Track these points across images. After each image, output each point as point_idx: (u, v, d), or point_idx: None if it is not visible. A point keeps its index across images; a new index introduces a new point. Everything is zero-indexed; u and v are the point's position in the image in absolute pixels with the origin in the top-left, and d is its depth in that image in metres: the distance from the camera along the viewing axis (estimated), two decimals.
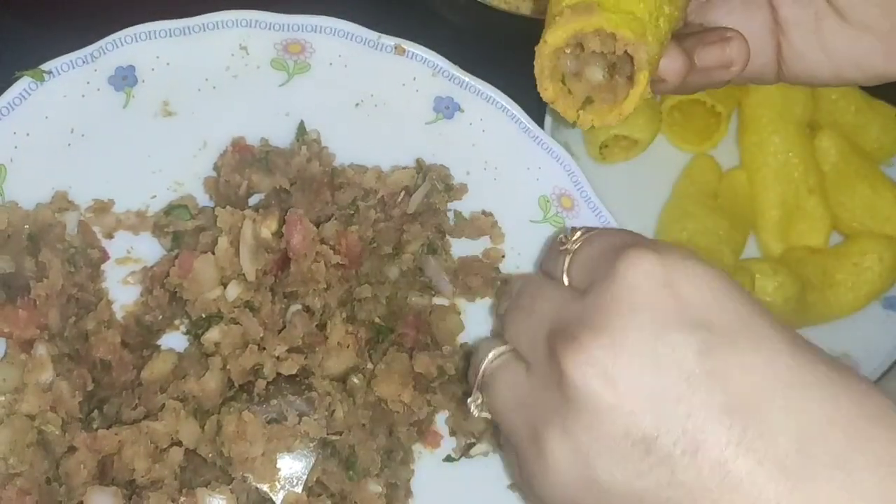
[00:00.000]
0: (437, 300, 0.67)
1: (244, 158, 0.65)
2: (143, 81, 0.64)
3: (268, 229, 0.61)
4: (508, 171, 0.68)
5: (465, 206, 0.69)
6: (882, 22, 0.56)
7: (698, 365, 0.42)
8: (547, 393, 0.47)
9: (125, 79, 0.64)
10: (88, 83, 0.63)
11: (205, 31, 0.64)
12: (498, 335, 0.56)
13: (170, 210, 0.65)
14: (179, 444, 0.57)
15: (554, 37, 0.47)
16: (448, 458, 0.65)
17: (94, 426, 0.59)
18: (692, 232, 0.85)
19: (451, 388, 0.64)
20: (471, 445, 0.65)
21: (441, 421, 0.66)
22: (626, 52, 0.47)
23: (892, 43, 0.56)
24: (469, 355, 0.63)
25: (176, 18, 0.64)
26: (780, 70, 0.60)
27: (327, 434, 0.59)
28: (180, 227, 0.64)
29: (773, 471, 0.40)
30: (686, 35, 0.55)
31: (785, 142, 0.88)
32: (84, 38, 0.63)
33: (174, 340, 0.64)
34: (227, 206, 0.61)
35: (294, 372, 0.59)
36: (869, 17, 0.56)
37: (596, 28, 0.46)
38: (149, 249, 0.65)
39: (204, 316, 0.60)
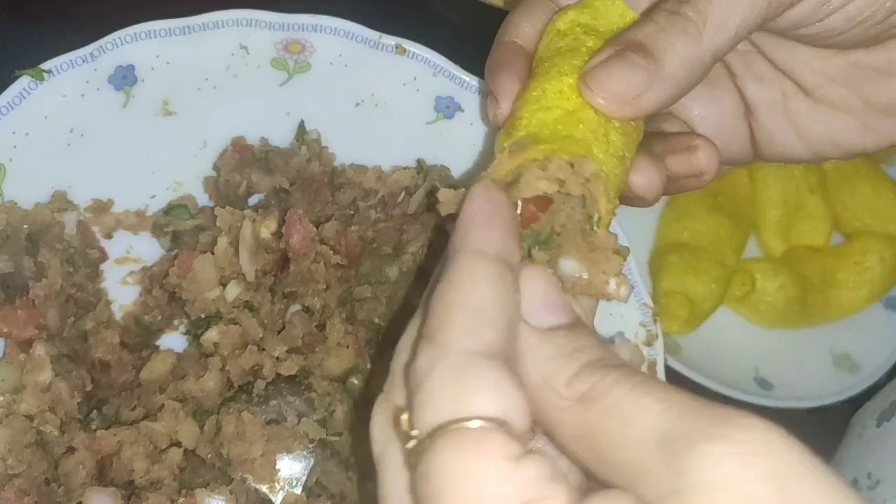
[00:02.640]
0: None
1: (244, 158, 0.65)
2: (143, 81, 0.64)
3: (267, 229, 0.60)
4: None
5: None
6: (852, 99, 0.53)
7: None
8: None
9: (125, 78, 0.64)
10: (88, 82, 0.63)
11: (205, 30, 0.64)
12: None
13: (169, 210, 0.65)
14: (178, 444, 0.57)
15: (493, 174, 0.42)
16: None
17: (93, 427, 0.59)
18: (693, 231, 0.85)
19: None
20: None
21: None
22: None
23: (867, 119, 0.54)
24: None
25: (176, 18, 0.64)
26: (756, 152, 0.57)
27: (327, 435, 0.59)
28: (180, 227, 0.64)
29: None
30: (653, 136, 0.52)
31: None
32: (84, 38, 0.63)
33: (173, 341, 0.64)
34: (227, 206, 0.61)
35: (293, 372, 0.59)
36: (838, 96, 0.54)
37: (532, 160, 0.42)
38: (148, 249, 0.65)
39: (203, 316, 0.60)
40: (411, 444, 0.32)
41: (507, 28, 0.53)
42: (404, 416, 0.33)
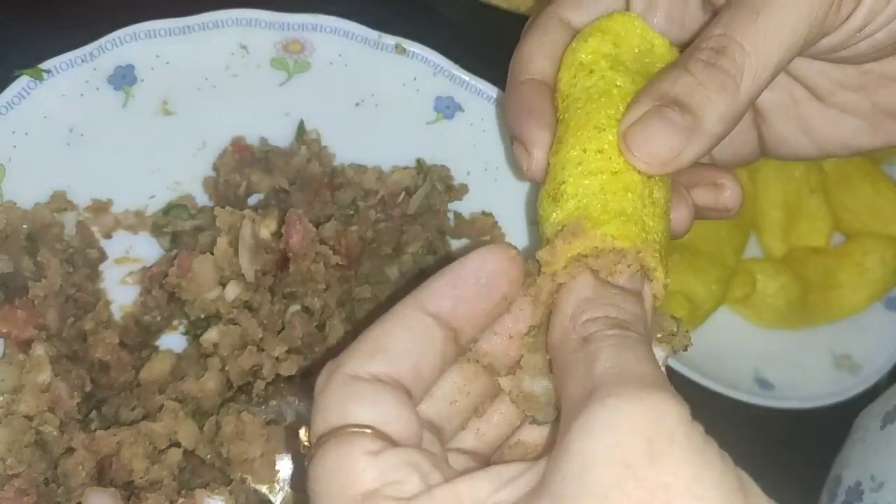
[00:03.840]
0: None
1: (243, 158, 0.65)
2: (143, 80, 0.64)
3: (267, 229, 0.60)
4: (508, 171, 0.67)
5: (466, 206, 0.68)
6: (863, 103, 0.53)
7: None
8: None
9: (124, 78, 0.64)
10: (87, 82, 0.63)
11: (205, 30, 0.64)
12: None
13: (168, 210, 0.65)
14: (178, 444, 0.57)
15: (553, 266, 0.41)
16: None
17: (93, 427, 0.58)
18: (693, 232, 0.84)
19: None
20: None
21: None
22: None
23: (876, 121, 0.54)
24: None
25: (176, 17, 0.64)
26: (764, 153, 0.57)
27: None
28: (179, 227, 0.64)
29: None
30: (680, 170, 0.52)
31: None
32: (83, 37, 0.63)
33: (173, 341, 0.64)
34: (227, 206, 0.61)
35: (293, 373, 0.59)
36: (849, 101, 0.54)
37: (594, 247, 0.41)
38: (147, 249, 0.65)
39: (203, 316, 0.60)
40: (304, 451, 0.38)
41: (523, 63, 0.51)
42: (301, 430, 0.38)
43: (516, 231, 0.68)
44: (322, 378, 0.39)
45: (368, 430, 0.35)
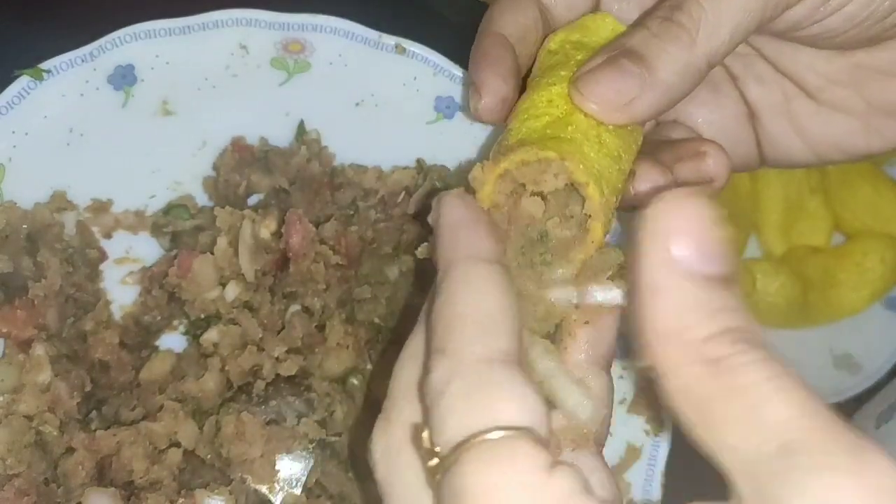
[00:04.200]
0: None
1: (243, 158, 0.65)
2: (143, 80, 0.64)
3: (267, 229, 0.60)
4: None
5: None
6: (856, 101, 0.53)
7: None
8: None
9: (124, 78, 0.64)
10: (87, 82, 0.63)
11: (204, 30, 0.64)
12: None
13: (168, 210, 0.65)
14: (178, 445, 0.57)
15: (483, 184, 0.41)
16: None
17: (93, 427, 0.58)
18: None
19: None
20: None
21: None
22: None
23: (870, 121, 0.53)
24: None
25: (176, 17, 0.64)
26: (762, 157, 0.56)
27: (326, 435, 0.59)
28: (179, 227, 0.64)
29: None
30: (660, 145, 0.52)
31: None
32: (83, 37, 0.63)
33: (173, 341, 0.64)
34: (227, 206, 0.61)
35: (293, 373, 0.59)
36: (841, 98, 0.53)
37: (519, 161, 0.41)
38: (147, 249, 0.65)
39: (203, 316, 0.60)
40: (433, 461, 0.31)
41: (491, 19, 0.53)
42: (425, 434, 0.32)
43: None
44: (440, 374, 0.32)
45: (519, 433, 0.30)
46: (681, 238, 0.30)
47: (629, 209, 0.48)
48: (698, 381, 0.30)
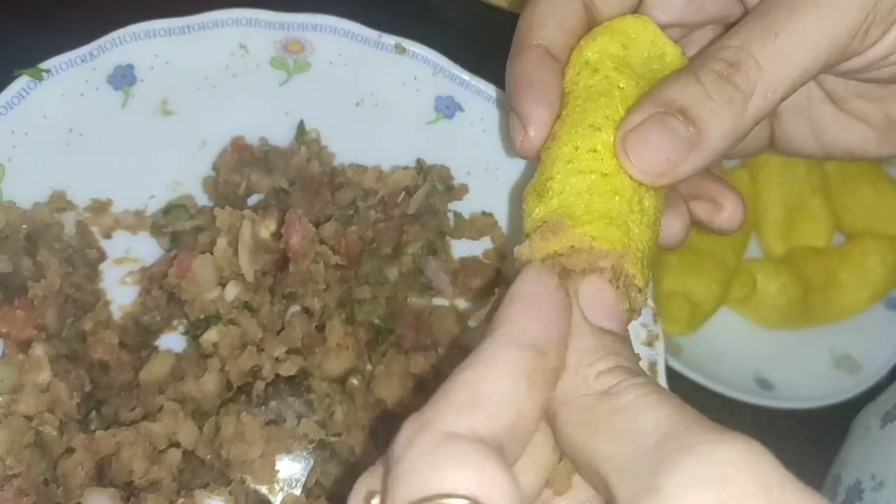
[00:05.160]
0: (437, 301, 0.67)
1: (243, 158, 0.65)
2: (142, 80, 0.64)
3: (267, 229, 0.60)
4: (509, 171, 0.67)
5: (466, 206, 0.68)
6: (877, 114, 0.52)
7: None
8: None
9: (124, 78, 0.64)
10: (87, 82, 0.63)
11: (204, 29, 0.64)
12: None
13: (168, 210, 0.65)
14: (178, 445, 0.57)
15: (552, 246, 0.40)
16: None
17: (92, 427, 0.58)
18: (693, 232, 0.85)
19: None
20: None
21: None
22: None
23: (888, 133, 0.52)
24: None
25: (175, 17, 0.64)
26: (770, 146, 0.56)
27: (326, 436, 0.59)
28: (179, 227, 0.64)
29: None
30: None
31: None
32: (83, 37, 0.62)
33: (172, 341, 0.64)
34: (226, 206, 0.61)
35: (293, 373, 0.59)
36: (864, 110, 0.52)
37: (570, 246, 0.40)
38: (147, 249, 0.65)
39: (202, 316, 0.60)
40: None
41: (531, 28, 0.48)
42: (374, 501, 0.31)
43: (516, 231, 0.68)
44: (405, 436, 0.31)
45: (467, 502, 0.28)
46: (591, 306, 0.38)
47: None
48: (590, 407, 0.34)
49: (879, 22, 0.43)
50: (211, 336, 0.59)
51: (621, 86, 0.46)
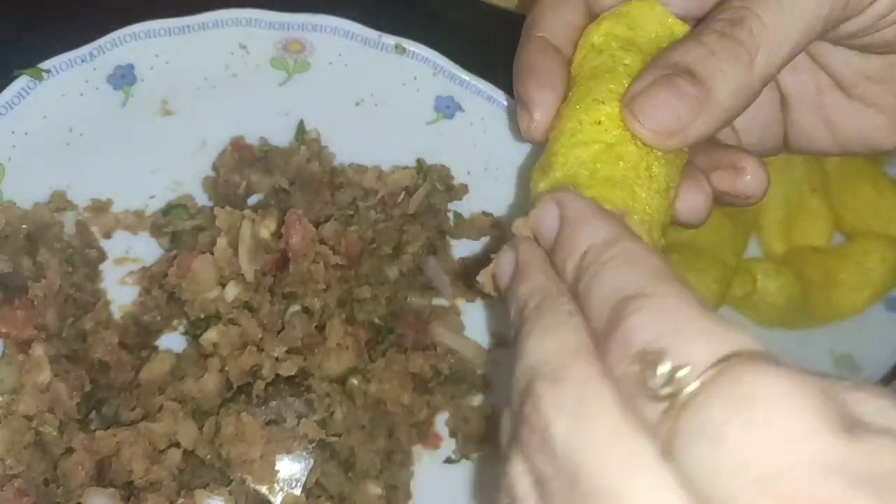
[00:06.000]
0: (437, 301, 0.67)
1: (243, 158, 0.65)
2: (142, 80, 0.64)
3: (267, 229, 0.60)
4: (509, 171, 0.67)
5: (466, 206, 0.68)
6: (887, 97, 0.51)
7: None
8: None
9: (124, 77, 0.63)
10: (87, 82, 0.63)
11: (204, 29, 0.64)
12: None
13: (168, 210, 0.65)
14: (178, 445, 0.57)
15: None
16: (448, 460, 0.65)
17: (92, 427, 0.58)
18: (694, 231, 0.85)
19: (450, 388, 0.64)
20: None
21: (441, 422, 0.66)
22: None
23: None
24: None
25: (175, 17, 0.64)
26: (785, 144, 0.55)
27: (326, 436, 0.59)
28: (179, 227, 0.64)
29: None
30: (696, 147, 0.47)
31: None
32: (83, 37, 0.62)
33: (172, 341, 0.64)
34: (226, 206, 0.61)
35: (293, 373, 0.59)
36: (873, 94, 0.51)
37: None
38: (147, 249, 0.65)
39: (202, 316, 0.60)
40: (668, 390, 0.28)
41: (536, 22, 0.49)
42: (663, 368, 0.28)
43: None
44: (655, 306, 0.30)
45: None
46: None
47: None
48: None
49: None
50: (211, 336, 0.59)
51: (626, 62, 0.46)
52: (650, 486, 0.27)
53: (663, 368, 0.28)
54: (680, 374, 0.28)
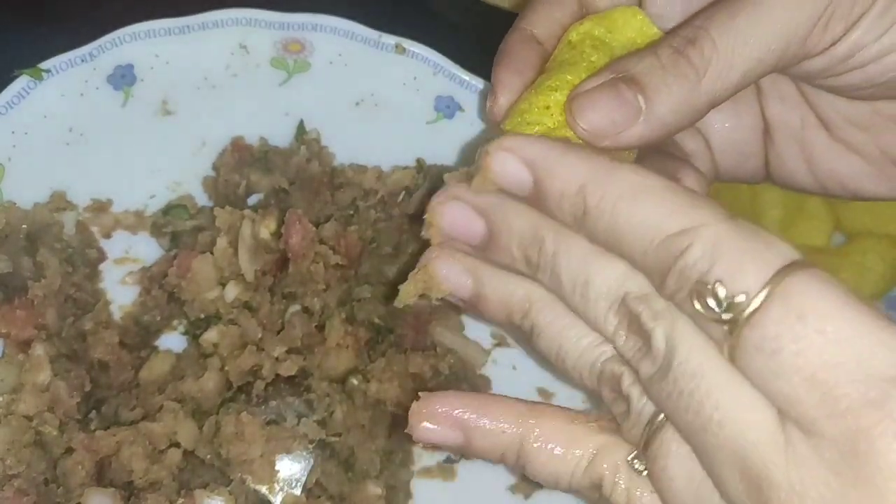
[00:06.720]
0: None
1: (243, 158, 0.65)
2: (142, 80, 0.64)
3: (267, 229, 0.60)
4: None
5: None
6: (871, 146, 0.51)
7: None
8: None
9: (124, 77, 0.64)
10: (87, 82, 0.63)
11: (204, 29, 0.64)
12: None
13: (168, 210, 0.65)
14: (177, 445, 0.57)
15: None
16: (448, 460, 0.65)
17: (92, 427, 0.58)
18: None
19: (449, 388, 0.64)
20: None
21: None
22: None
23: (882, 168, 0.51)
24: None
25: (175, 17, 0.64)
26: (768, 173, 0.55)
27: (326, 435, 0.59)
28: (179, 227, 0.64)
29: None
30: (645, 156, 0.49)
31: None
32: (83, 37, 0.63)
33: (172, 341, 0.64)
34: (226, 206, 0.61)
35: (293, 373, 0.59)
36: (856, 140, 0.51)
37: None
38: (147, 249, 0.65)
39: (202, 316, 0.60)
40: (733, 324, 0.32)
41: (526, 15, 0.50)
42: (721, 295, 0.33)
43: None
44: (706, 230, 0.34)
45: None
46: None
47: None
48: None
49: (839, 18, 0.43)
50: (211, 336, 0.59)
51: (592, 59, 0.47)
52: (727, 378, 0.33)
53: (721, 295, 0.32)
54: (737, 299, 0.32)
